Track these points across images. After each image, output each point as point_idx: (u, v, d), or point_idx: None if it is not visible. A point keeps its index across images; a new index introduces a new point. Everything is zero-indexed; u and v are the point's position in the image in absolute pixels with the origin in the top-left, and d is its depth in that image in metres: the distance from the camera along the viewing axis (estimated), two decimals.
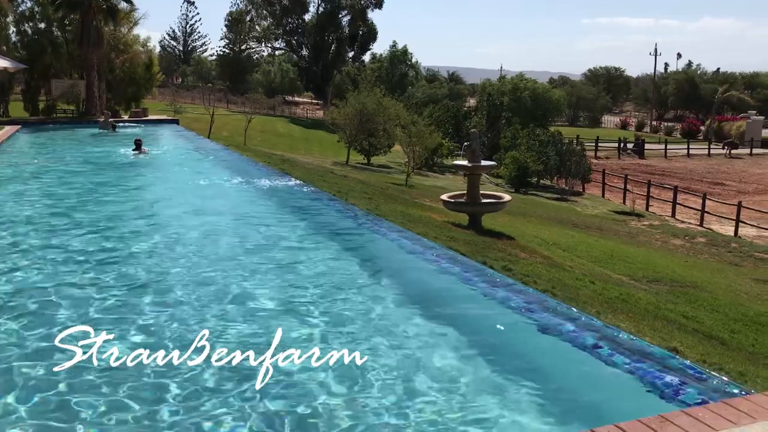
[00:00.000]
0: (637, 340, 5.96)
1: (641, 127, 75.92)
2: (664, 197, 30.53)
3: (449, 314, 6.60)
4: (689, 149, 53.11)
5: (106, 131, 27.20)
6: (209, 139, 29.12)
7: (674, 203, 28.73)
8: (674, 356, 5.73)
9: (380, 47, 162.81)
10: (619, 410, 4.34)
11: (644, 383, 4.95)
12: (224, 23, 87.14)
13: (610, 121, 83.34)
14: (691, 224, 26.67)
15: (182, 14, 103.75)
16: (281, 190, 14.55)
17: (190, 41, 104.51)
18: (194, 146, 24.02)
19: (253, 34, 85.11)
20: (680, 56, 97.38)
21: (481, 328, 6.37)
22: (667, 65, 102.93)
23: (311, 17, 76.03)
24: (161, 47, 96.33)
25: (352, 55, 79.58)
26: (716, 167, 46.68)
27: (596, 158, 45.83)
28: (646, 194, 30.45)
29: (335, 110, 37.65)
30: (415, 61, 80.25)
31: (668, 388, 4.84)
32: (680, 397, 4.69)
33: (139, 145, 19.84)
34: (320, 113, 68.84)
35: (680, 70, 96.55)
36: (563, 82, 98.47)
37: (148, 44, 40.73)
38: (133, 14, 37.50)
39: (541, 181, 35.18)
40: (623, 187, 32.32)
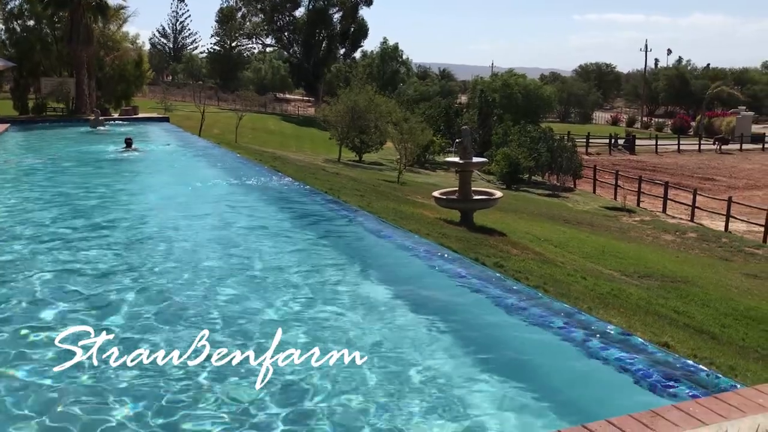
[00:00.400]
0: (628, 335, 5.98)
1: (632, 123, 76.17)
2: (654, 193, 30.65)
3: (439, 309, 6.60)
4: (680, 145, 53.35)
5: (96, 129, 27.08)
6: (200, 136, 29.01)
7: (665, 199, 28.85)
8: (665, 351, 5.75)
9: (371, 44, 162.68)
10: (610, 405, 4.35)
11: (636, 378, 4.97)
12: (215, 19, 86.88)
13: (601, 117, 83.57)
14: (681, 220, 26.80)
15: (172, 11, 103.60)
16: (272, 188, 14.52)
17: (180, 38, 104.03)
18: (185, 144, 23.95)
19: (243, 30, 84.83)
20: (670, 52, 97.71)
21: (472, 324, 6.38)
22: (657, 61, 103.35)
23: (302, 14, 75.88)
24: (151, 45, 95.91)
25: (343, 52, 79.45)
26: (707, 163, 46.90)
27: (587, 154, 45.97)
28: (637, 190, 30.57)
29: (327, 107, 37.59)
30: (406, 57, 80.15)
31: (659, 382, 4.86)
32: (671, 391, 4.71)
33: (129, 143, 19.76)
34: (312, 110, 68.70)
35: (671, 66, 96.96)
36: (554, 78, 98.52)
37: (137, 42, 40.60)
38: (122, 11, 37.32)
39: (532, 177, 35.25)
40: (614, 183, 32.44)
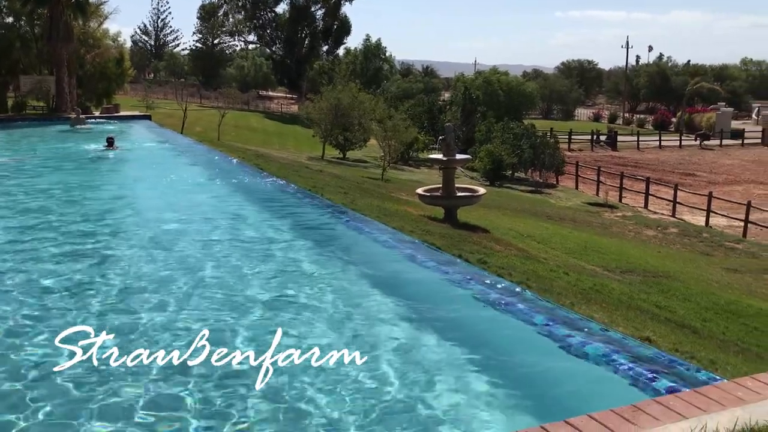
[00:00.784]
0: (610, 330, 6.03)
1: (614, 119, 76.66)
2: (636, 188, 30.88)
3: (424, 307, 6.62)
4: (661, 141, 53.77)
5: (77, 128, 26.83)
6: (182, 134, 28.84)
7: (647, 194, 29.09)
8: (647, 345, 5.81)
9: (354, 41, 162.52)
10: (592, 400, 4.39)
11: (618, 373, 5.02)
12: (196, 17, 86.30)
13: (583, 113, 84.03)
14: (663, 215, 27.03)
15: (153, 8, 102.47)
16: (255, 185, 14.47)
17: (162, 36, 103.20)
18: (167, 142, 23.80)
19: (225, 28, 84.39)
20: (651, 49, 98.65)
21: (455, 320, 6.40)
22: (638, 58, 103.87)
23: (284, 10, 75.61)
24: (132, 42, 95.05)
25: (326, 49, 79.31)
26: (687, 158, 47.33)
27: (570, 151, 46.22)
28: (619, 186, 30.79)
29: (310, 105, 37.47)
30: (389, 55, 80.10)
31: (641, 377, 4.91)
32: (653, 385, 4.76)
33: (111, 142, 19.62)
34: (295, 108, 68.50)
35: (651, 62, 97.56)
36: (537, 75, 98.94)
37: (118, 39, 40.25)
38: (103, 9, 37.00)
39: (515, 174, 35.40)
40: (596, 179, 32.66)
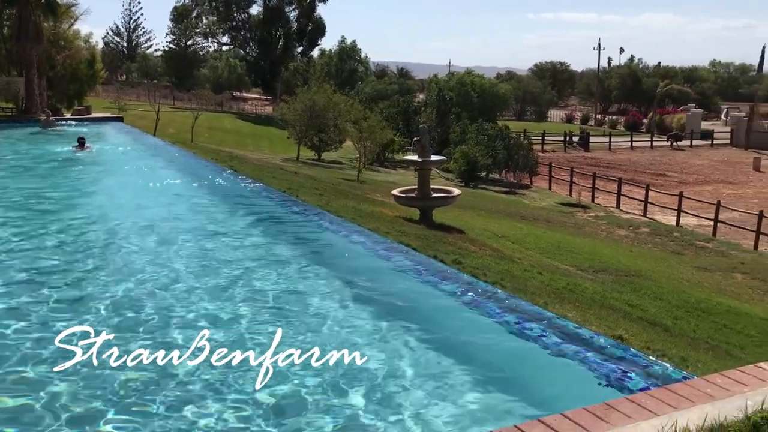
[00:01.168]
0: (583, 329, 6.10)
1: (586, 120, 77.48)
2: (608, 189, 31.25)
3: (400, 308, 6.63)
4: (632, 142, 54.47)
5: (47, 130, 26.44)
6: (155, 136, 28.56)
7: (619, 194, 29.44)
8: (620, 344, 5.88)
9: (329, 42, 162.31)
10: (565, 399, 4.43)
11: (591, 371, 5.07)
12: (169, 18, 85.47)
13: (556, 115, 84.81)
14: (635, 215, 27.39)
15: (125, 9, 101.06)
16: (229, 187, 14.39)
17: (134, 37, 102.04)
18: (139, 143, 23.56)
19: (198, 29, 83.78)
20: (623, 51, 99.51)
21: (430, 320, 6.42)
22: (610, 60, 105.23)
23: (258, 12, 75.23)
24: (104, 43, 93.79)
25: (300, 50, 79.09)
26: (659, 159, 48.00)
27: (543, 152, 46.64)
28: (591, 186, 31.14)
29: (285, 106, 37.37)
30: (364, 56, 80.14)
31: (614, 375, 4.97)
32: (625, 383, 4.82)
33: (82, 142, 19.36)
34: (269, 109, 68.17)
35: (623, 64, 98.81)
36: (510, 77, 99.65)
37: (90, 40, 39.64)
38: (73, 9, 36.45)
39: (490, 174, 35.63)
40: (569, 179, 32.98)
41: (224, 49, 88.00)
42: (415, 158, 15.18)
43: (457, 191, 16.11)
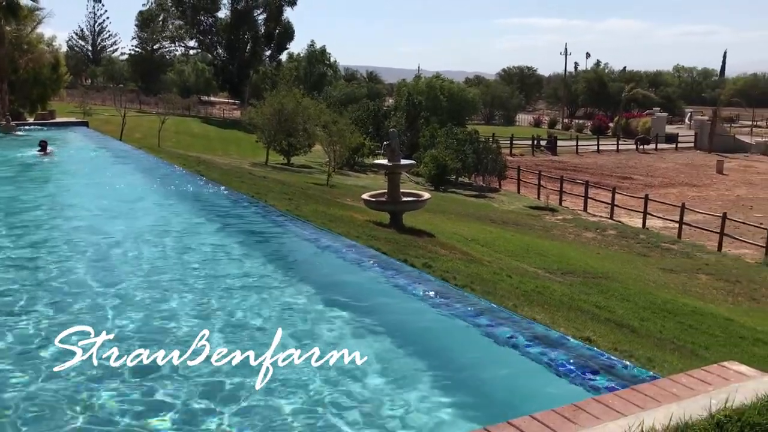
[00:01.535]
0: (552, 330, 6.14)
1: (553, 124, 78.39)
2: (576, 192, 31.62)
3: (369, 312, 6.60)
4: (599, 145, 55.25)
5: (8, 134, 25.90)
6: (121, 140, 28.18)
7: (586, 197, 29.81)
8: (588, 345, 5.93)
9: (298, 47, 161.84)
10: (534, 400, 4.45)
11: (559, 373, 5.10)
12: (134, 24, 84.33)
13: (524, 119, 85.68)
14: (602, 217, 27.75)
15: (89, 12, 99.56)
16: (196, 192, 14.22)
17: (99, 41, 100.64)
18: (104, 148, 23.18)
19: (165, 33, 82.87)
20: (589, 56, 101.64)
21: (399, 323, 6.41)
22: (577, 64, 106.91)
23: (225, 15, 74.63)
24: (69, 47, 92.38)
25: (269, 54, 78.62)
26: (624, 162, 48.72)
27: (511, 155, 47.03)
28: (559, 189, 31.48)
29: (253, 110, 37.15)
30: (333, 60, 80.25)
31: (582, 376, 5.00)
32: (593, 384, 4.85)
33: (44, 146, 18.97)
34: (237, 113, 67.73)
35: (589, 69, 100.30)
36: (479, 81, 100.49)
37: (53, 44, 39.00)
38: (37, 12, 35.79)
39: (459, 178, 35.82)
40: (537, 183, 33.31)
41: (192, 53, 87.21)
42: (385, 162, 15.20)
43: (427, 195, 16.16)
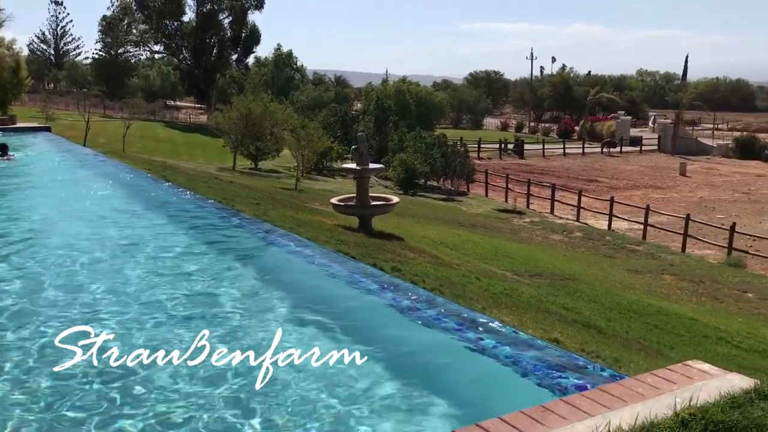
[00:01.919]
0: (520, 332, 6.17)
1: (520, 128, 79.19)
2: (543, 195, 31.95)
3: (337, 316, 6.56)
4: (565, 149, 55.92)
5: None
6: (84, 146, 27.71)
7: (552, 200, 30.13)
8: (555, 346, 5.97)
9: (265, 50, 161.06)
10: (502, 403, 4.46)
11: (527, 374, 5.12)
12: (98, 30, 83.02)
13: (491, 123, 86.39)
14: (568, 220, 28.06)
15: (51, 15, 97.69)
16: (162, 198, 14.03)
17: (62, 44, 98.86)
18: (67, 153, 22.76)
19: (130, 38, 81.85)
20: (555, 60, 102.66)
21: (367, 327, 6.39)
22: (542, 69, 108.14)
23: (191, 19, 73.96)
24: (30, 51, 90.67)
25: (235, 58, 78.14)
26: (590, 165, 49.37)
27: (479, 159, 47.39)
28: (526, 192, 31.78)
29: (220, 114, 36.85)
30: (300, 64, 79.92)
31: (550, 377, 5.03)
32: (561, 385, 4.89)
33: (4, 150, 18.56)
34: (204, 118, 67.14)
35: (555, 73, 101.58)
36: (446, 85, 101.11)
37: (14, 47, 38.33)
38: None
39: (428, 182, 35.94)
40: (505, 186, 33.58)
41: (157, 57, 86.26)
42: (353, 166, 15.17)
43: (395, 199, 16.18)
